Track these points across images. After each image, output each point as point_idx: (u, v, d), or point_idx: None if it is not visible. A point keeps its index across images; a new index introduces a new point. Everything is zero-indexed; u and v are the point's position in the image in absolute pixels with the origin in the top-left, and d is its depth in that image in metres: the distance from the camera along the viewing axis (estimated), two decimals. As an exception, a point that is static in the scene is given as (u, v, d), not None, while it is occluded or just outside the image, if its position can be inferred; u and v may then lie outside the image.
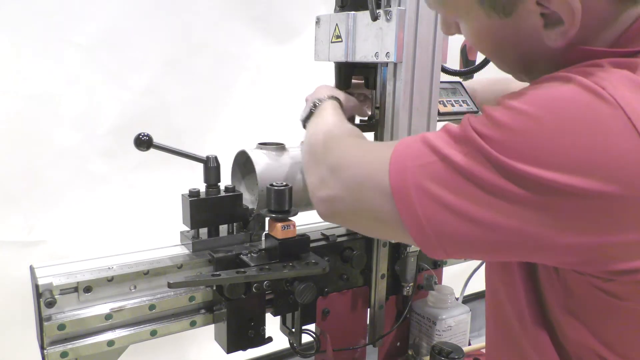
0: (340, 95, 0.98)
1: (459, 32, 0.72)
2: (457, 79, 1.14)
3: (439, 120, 1.00)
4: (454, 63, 1.11)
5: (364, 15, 0.93)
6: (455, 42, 1.03)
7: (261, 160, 0.99)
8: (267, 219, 0.96)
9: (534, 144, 0.53)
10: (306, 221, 1.09)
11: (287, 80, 1.94)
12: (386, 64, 0.93)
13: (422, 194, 0.59)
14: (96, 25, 1.58)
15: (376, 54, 0.91)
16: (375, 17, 0.88)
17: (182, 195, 0.95)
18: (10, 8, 1.45)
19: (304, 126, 0.95)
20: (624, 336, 0.62)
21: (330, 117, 0.89)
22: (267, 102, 1.93)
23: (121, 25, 1.63)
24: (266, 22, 1.91)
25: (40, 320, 0.80)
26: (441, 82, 0.96)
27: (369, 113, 1.06)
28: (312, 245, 0.97)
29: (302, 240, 0.94)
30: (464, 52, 1.20)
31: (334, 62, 1.05)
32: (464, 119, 0.60)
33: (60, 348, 0.81)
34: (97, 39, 1.59)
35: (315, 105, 0.94)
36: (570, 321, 0.64)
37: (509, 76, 0.75)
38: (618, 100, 0.51)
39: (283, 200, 0.91)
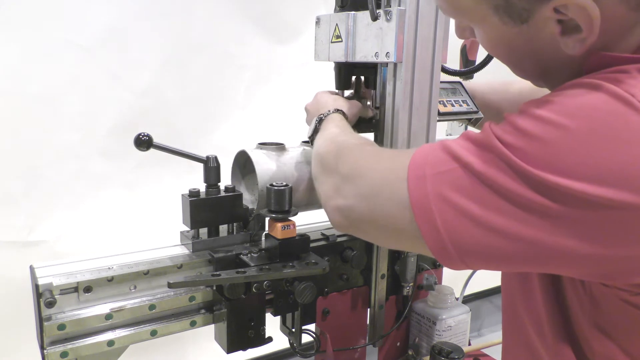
0: (344, 105, 0.97)
1: (474, 37, 0.71)
2: (457, 79, 1.14)
3: (439, 120, 1.00)
4: (454, 63, 1.11)
5: (364, 15, 0.93)
6: (455, 42, 1.03)
7: (261, 160, 0.99)
8: (267, 219, 0.96)
9: (563, 154, 0.51)
10: (306, 221, 1.09)
11: (287, 80, 1.94)
12: (386, 64, 0.93)
13: (442, 203, 0.57)
14: (96, 26, 1.59)
15: (376, 54, 0.91)
16: (375, 17, 0.88)
17: (182, 195, 0.95)
18: (10, 8, 1.45)
19: (312, 142, 0.95)
20: None
21: (337, 128, 0.89)
22: (267, 102, 1.94)
23: (121, 26, 1.63)
24: (266, 22, 1.91)
25: (40, 320, 0.80)
26: (441, 82, 0.96)
27: (371, 114, 1.06)
28: (312, 245, 0.97)
29: (302, 240, 0.94)
30: (464, 52, 1.21)
31: (334, 62, 1.05)
32: (486, 126, 0.58)
33: (60, 348, 0.81)
34: (97, 39, 1.59)
35: (320, 121, 0.94)
36: (598, 335, 0.63)
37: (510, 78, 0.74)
38: None
39: (283, 200, 0.91)
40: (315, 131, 0.93)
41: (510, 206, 0.54)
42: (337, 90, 1.06)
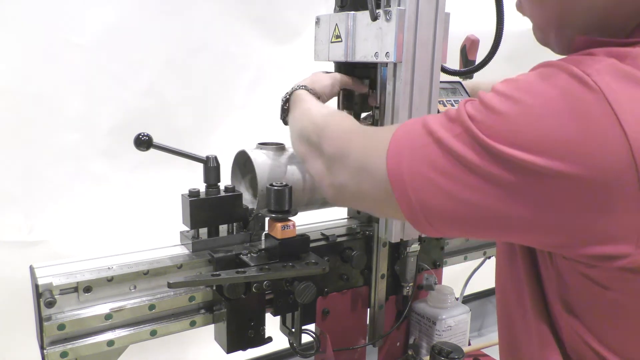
0: (309, 79, 0.99)
1: None
2: (457, 79, 1.14)
3: (439, 120, 1.00)
4: (454, 63, 1.11)
5: (363, 15, 0.93)
6: (456, 42, 1.03)
7: (261, 160, 0.99)
8: (267, 219, 0.96)
9: (516, 127, 0.55)
10: (306, 221, 1.09)
11: (287, 81, 1.93)
12: (386, 64, 0.93)
13: (414, 175, 0.61)
14: (96, 26, 1.59)
15: (376, 54, 0.91)
16: (375, 17, 0.88)
17: (182, 195, 0.95)
18: (10, 8, 1.45)
19: (285, 123, 0.98)
20: (611, 328, 0.63)
21: (307, 104, 0.91)
22: (267, 102, 1.93)
23: (121, 26, 1.63)
24: (266, 22, 1.91)
25: (40, 320, 0.80)
26: (441, 82, 0.96)
27: (364, 89, 1.05)
28: (312, 245, 0.97)
29: (302, 240, 0.94)
30: (464, 52, 1.20)
31: (334, 62, 1.05)
32: (461, 103, 0.61)
33: (60, 348, 0.81)
34: (97, 39, 1.59)
35: (286, 100, 0.97)
36: (564, 311, 0.66)
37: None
38: (601, 87, 0.52)
39: (283, 200, 0.91)
40: (284, 111, 0.97)
41: (470, 176, 0.57)
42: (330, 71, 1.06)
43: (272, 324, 0.97)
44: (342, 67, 1.04)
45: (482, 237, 0.72)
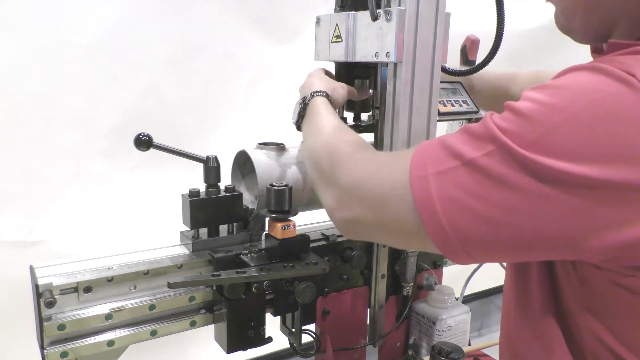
0: (327, 87, 0.95)
1: None
2: (457, 79, 1.14)
3: (439, 120, 1.00)
4: (454, 63, 1.11)
5: (364, 15, 0.93)
6: (456, 42, 1.03)
7: (261, 160, 0.99)
8: (267, 219, 0.96)
9: (559, 136, 0.51)
10: (306, 221, 1.09)
11: (287, 81, 1.93)
12: (386, 64, 0.93)
13: (446, 202, 0.57)
14: (96, 25, 1.58)
15: (376, 54, 0.91)
16: (375, 17, 0.88)
17: (182, 195, 0.95)
18: (10, 8, 1.45)
19: (298, 128, 0.95)
20: (637, 329, 0.61)
21: (324, 121, 0.87)
22: (267, 102, 1.94)
23: (121, 25, 1.63)
24: (266, 22, 1.91)
25: (40, 320, 0.80)
26: (441, 82, 0.96)
27: (365, 95, 1.05)
28: (312, 245, 0.97)
29: (302, 240, 0.94)
30: (464, 52, 1.20)
31: (334, 62, 1.05)
32: (486, 117, 0.57)
33: (60, 348, 0.81)
34: (97, 39, 1.59)
35: (304, 105, 0.93)
36: (586, 316, 0.64)
37: (510, 73, 0.73)
38: None
39: (283, 200, 0.91)
40: (301, 116, 0.93)
41: (513, 197, 0.53)
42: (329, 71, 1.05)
43: (272, 324, 0.97)
44: (342, 67, 1.04)
45: (523, 259, 0.69)
